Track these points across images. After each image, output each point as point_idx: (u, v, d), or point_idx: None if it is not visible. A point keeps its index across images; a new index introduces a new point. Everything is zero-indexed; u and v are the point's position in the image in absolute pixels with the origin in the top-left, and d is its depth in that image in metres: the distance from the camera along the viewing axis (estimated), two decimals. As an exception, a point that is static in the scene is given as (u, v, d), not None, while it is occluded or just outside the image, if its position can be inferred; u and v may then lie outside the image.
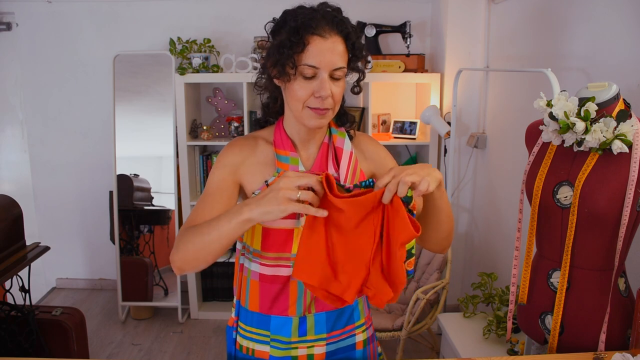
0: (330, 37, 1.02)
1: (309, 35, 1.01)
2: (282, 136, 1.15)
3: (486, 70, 2.98)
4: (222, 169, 1.12)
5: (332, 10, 1.06)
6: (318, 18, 1.02)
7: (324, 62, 1.02)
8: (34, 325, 2.16)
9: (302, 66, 1.02)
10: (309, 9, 1.05)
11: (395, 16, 3.21)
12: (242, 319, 1.20)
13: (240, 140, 1.17)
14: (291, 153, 1.13)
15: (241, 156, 1.13)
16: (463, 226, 3.24)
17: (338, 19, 1.05)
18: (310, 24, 1.01)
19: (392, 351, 2.83)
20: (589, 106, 1.30)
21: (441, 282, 2.47)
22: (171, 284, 3.26)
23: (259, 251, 1.14)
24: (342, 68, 1.05)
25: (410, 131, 3.18)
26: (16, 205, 2.20)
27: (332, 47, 1.02)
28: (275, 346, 1.16)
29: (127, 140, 3.18)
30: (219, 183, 1.11)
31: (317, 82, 1.03)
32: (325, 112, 1.06)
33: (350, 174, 1.15)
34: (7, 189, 3.50)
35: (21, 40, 3.34)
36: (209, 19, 3.27)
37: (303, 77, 1.03)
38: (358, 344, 1.23)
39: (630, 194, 1.24)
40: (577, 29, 2.06)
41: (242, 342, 1.20)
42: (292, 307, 1.15)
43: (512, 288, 1.54)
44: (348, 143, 1.18)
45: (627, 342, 1.35)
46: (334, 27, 1.03)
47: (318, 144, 1.17)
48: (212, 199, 1.10)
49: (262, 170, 1.13)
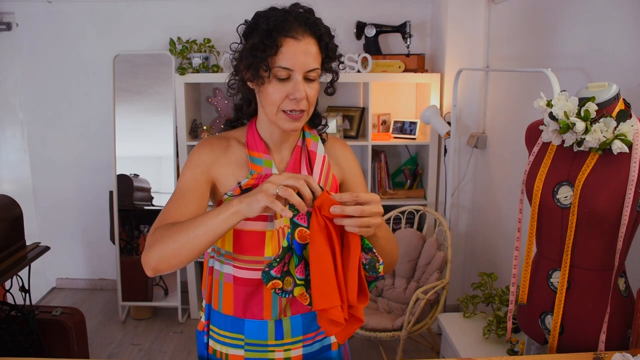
0: (304, 39, 1.02)
1: (281, 37, 1.01)
2: (255, 138, 1.14)
3: (486, 70, 2.98)
4: (194, 169, 1.10)
5: (305, 12, 1.06)
6: (290, 20, 1.02)
7: (298, 63, 1.01)
8: (34, 325, 2.16)
9: (275, 68, 1.02)
10: (281, 11, 1.04)
11: (395, 16, 3.21)
12: (215, 323, 1.19)
13: (212, 140, 1.15)
14: (264, 155, 1.13)
15: (213, 156, 1.12)
16: (463, 226, 3.24)
17: (310, 20, 1.04)
18: (282, 26, 1.01)
19: (392, 351, 2.83)
20: (589, 106, 1.30)
21: (441, 282, 2.47)
22: (171, 284, 3.26)
23: (231, 253, 1.12)
24: (316, 69, 1.05)
25: (410, 131, 3.18)
26: (16, 205, 2.20)
27: (306, 48, 1.02)
28: (250, 349, 1.15)
29: (127, 140, 3.18)
30: (191, 183, 1.09)
31: (291, 84, 1.03)
32: (300, 115, 1.06)
33: (323, 178, 1.15)
34: (7, 189, 3.50)
35: (21, 40, 3.34)
36: (209, 19, 3.27)
37: (277, 79, 1.03)
38: (333, 344, 1.23)
39: (630, 194, 1.24)
40: (577, 28, 2.06)
41: (215, 347, 1.19)
42: (267, 310, 1.14)
43: (512, 288, 1.54)
44: (321, 147, 1.18)
45: (627, 342, 1.35)
46: (307, 28, 1.03)
47: (291, 147, 1.17)
48: (184, 199, 1.07)
49: (234, 171, 1.12)
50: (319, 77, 1.08)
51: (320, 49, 1.05)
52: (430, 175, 3.12)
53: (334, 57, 1.10)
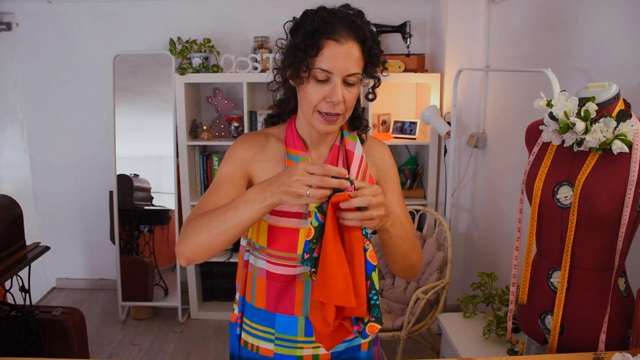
0: (347, 42, 1.01)
1: (324, 39, 1.00)
2: (294, 135, 1.15)
3: (486, 70, 2.98)
4: (232, 163, 1.13)
5: (353, 14, 1.04)
6: (336, 22, 1.01)
7: (338, 67, 1.01)
8: (34, 325, 2.16)
9: (315, 70, 1.02)
10: (328, 11, 1.03)
11: (395, 16, 3.21)
12: (248, 316, 1.20)
13: (251, 136, 1.17)
14: (302, 153, 1.13)
15: (251, 152, 1.13)
16: (463, 226, 3.24)
17: (357, 23, 1.03)
18: (326, 28, 1.00)
19: (392, 351, 2.83)
20: (589, 106, 1.30)
21: (441, 282, 2.47)
22: (171, 284, 3.26)
23: (265, 248, 1.14)
24: (357, 74, 1.04)
25: (410, 131, 3.18)
26: (16, 205, 2.20)
27: (347, 52, 1.01)
28: (280, 344, 1.16)
29: (127, 140, 3.18)
30: (229, 176, 1.11)
31: (329, 86, 1.02)
32: (336, 118, 1.05)
33: (360, 177, 1.15)
34: (7, 189, 3.50)
35: (21, 40, 3.34)
36: (209, 19, 3.27)
37: (316, 80, 1.03)
38: (363, 345, 1.23)
39: (630, 194, 1.24)
40: (577, 29, 2.06)
41: (247, 339, 1.21)
42: (299, 307, 1.15)
43: (512, 288, 1.54)
44: (359, 147, 1.18)
45: (627, 342, 1.35)
46: (352, 32, 1.02)
47: (329, 146, 1.17)
48: (220, 191, 1.09)
49: (271, 167, 1.13)
50: (360, 82, 1.08)
51: (363, 54, 1.04)
52: (430, 175, 3.12)
53: (377, 62, 1.09)
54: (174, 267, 3.26)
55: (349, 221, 0.95)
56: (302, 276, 1.14)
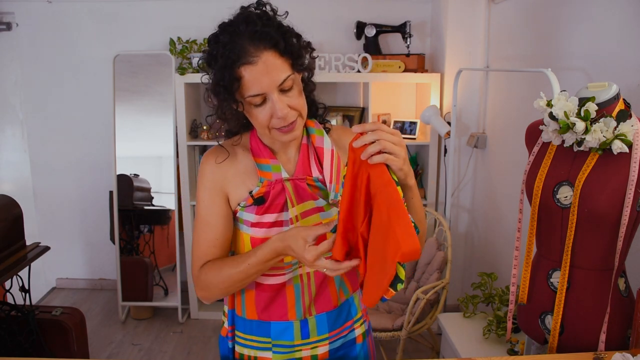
0: (259, 58, 0.95)
1: (237, 68, 0.96)
2: (259, 145, 1.12)
3: (486, 70, 2.98)
4: (208, 192, 1.10)
5: (251, 22, 0.97)
6: (238, 43, 0.96)
7: (265, 85, 0.97)
8: (34, 325, 2.16)
9: (247, 99, 0.98)
10: (229, 34, 0.98)
11: (395, 16, 3.21)
12: (240, 328, 1.19)
13: (217, 152, 1.12)
14: (271, 161, 1.10)
15: (221, 171, 1.10)
16: (463, 226, 3.24)
17: (259, 31, 0.96)
18: (231, 57, 0.95)
19: (392, 351, 2.83)
20: (589, 106, 1.30)
21: (441, 282, 2.47)
22: (171, 284, 3.26)
23: None
24: (288, 77, 0.99)
25: (410, 131, 3.18)
26: (16, 205, 2.20)
27: (265, 67, 0.96)
28: (278, 351, 1.16)
29: (127, 140, 3.18)
30: (211, 208, 1.10)
31: (269, 104, 0.99)
32: (293, 125, 1.03)
33: (334, 173, 1.12)
34: (7, 189, 3.50)
35: (21, 40, 3.34)
36: (209, 19, 3.21)
37: (254, 106, 1.00)
38: (357, 337, 1.24)
39: (630, 194, 1.24)
40: (577, 29, 2.06)
41: (242, 351, 1.20)
42: (292, 311, 1.14)
43: (512, 288, 1.54)
44: (328, 141, 1.14)
45: (627, 342, 1.35)
46: (258, 43, 0.96)
47: (297, 146, 1.14)
48: (210, 226, 1.10)
49: (244, 181, 1.10)
50: (300, 77, 1.05)
51: (282, 55, 0.98)
52: (430, 175, 3.12)
53: (300, 54, 1.02)
54: (174, 267, 3.26)
55: (374, 157, 0.86)
56: (291, 281, 1.13)
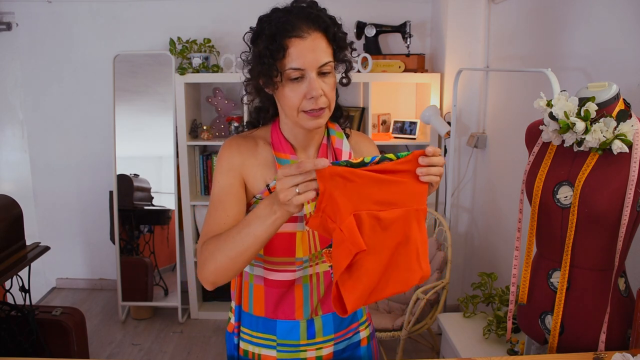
0: (309, 35, 1.00)
1: (286, 39, 0.99)
2: (280, 139, 1.13)
3: (486, 70, 2.98)
4: (226, 174, 1.09)
5: (307, 6, 1.03)
6: (292, 19, 1.00)
7: (308, 61, 0.99)
8: (34, 325, 2.16)
9: (287, 71, 1.00)
10: (282, 11, 1.02)
11: (395, 16, 3.21)
12: (246, 324, 1.19)
13: (239, 140, 1.13)
14: (291, 156, 1.11)
15: (241, 157, 1.10)
16: (463, 226, 3.24)
17: (313, 14, 1.01)
18: (285, 27, 0.99)
19: (392, 351, 2.83)
20: (589, 106, 1.30)
21: (441, 282, 2.47)
22: (171, 284, 3.26)
23: (262, 255, 1.13)
24: (329, 62, 1.02)
25: (410, 131, 3.18)
26: (16, 205, 2.20)
27: (313, 44, 1.00)
28: (283, 350, 1.16)
29: (127, 140, 3.18)
30: (227, 189, 1.08)
31: (305, 83, 1.00)
32: (321, 112, 1.04)
33: None
34: (7, 189, 3.50)
35: (21, 40, 3.34)
36: (209, 19, 3.26)
37: (291, 81, 1.01)
38: (362, 340, 1.24)
39: (630, 194, 1.24)
40: (577, 29, 2.06)
41: (247, 348, 1.20)
42: (299, 311, 1.14)
43: (512, 288, 1.54)
44: (346, 144, 1.17)
45: (627, 342, 1.35)
46: (311, 23, 1.00)
47: (317, 146, 1.16)
48: (223, 206, 1.07)
49: (263, 173, 1.11)
50: (334, 70, 1.06)
51: (329, 41, 1.03)
52: (430, 175, 3.12)
53: (344, 46, 1.07)
54: (174, 267, 3.26)
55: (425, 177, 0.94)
56: (300, 280, 1.13)
